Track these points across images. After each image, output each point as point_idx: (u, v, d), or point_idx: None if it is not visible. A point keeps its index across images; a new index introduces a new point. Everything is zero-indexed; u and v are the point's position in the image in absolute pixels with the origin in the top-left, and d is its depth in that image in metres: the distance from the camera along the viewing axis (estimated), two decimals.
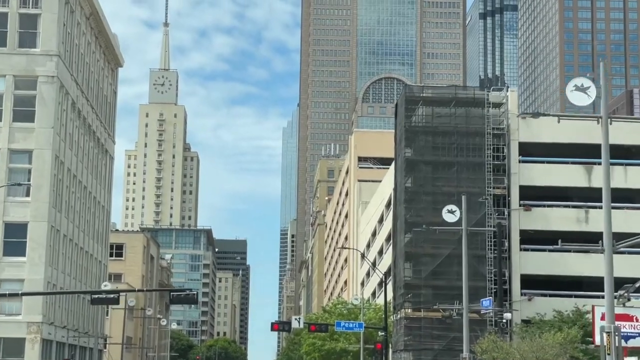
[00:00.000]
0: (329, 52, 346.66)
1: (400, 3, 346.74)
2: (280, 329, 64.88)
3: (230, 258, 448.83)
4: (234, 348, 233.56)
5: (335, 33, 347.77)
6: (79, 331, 78.47)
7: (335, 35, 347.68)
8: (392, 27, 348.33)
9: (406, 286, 65.93)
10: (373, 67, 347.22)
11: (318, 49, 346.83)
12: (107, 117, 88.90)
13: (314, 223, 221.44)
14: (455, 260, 65.15)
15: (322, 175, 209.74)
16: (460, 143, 67.05)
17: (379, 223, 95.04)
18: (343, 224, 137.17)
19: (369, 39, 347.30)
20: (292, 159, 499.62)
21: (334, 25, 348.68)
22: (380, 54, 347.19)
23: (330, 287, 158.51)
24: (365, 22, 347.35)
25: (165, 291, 78.10)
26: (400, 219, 68.21)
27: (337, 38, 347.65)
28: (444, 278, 65.67)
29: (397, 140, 71.20)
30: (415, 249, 66.41)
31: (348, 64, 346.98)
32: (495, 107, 67.90)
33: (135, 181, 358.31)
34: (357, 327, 65.90)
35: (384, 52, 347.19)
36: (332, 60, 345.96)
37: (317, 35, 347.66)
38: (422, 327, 65.31)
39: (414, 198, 67.03)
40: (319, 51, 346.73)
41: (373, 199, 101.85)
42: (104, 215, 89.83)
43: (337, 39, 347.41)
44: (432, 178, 67.03)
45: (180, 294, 46.39)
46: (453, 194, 66.22)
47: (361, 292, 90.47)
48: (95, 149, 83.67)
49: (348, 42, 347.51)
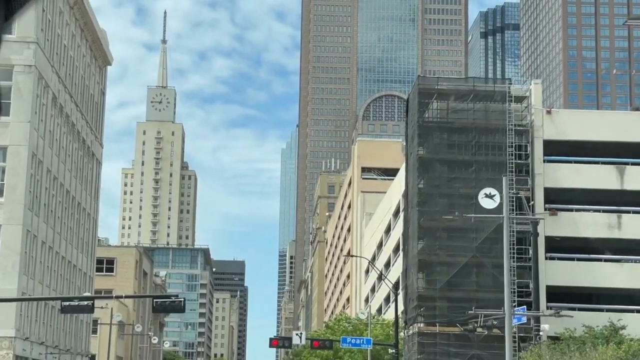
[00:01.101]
0: (329, 69, 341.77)
1: (401, 23, 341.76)
2: (279, 345, 58.36)
3: (228, 279, 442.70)
4: None
5: (336, 50, 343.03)
6: (60, 348, 71.83)
7: (336, 52, 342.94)
8: (393, 44, 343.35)
9: (419, 298, 59.44)
10: (373, 85, 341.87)
11: (318, 65, 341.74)
12: (94, 117, 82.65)
13: (314, 241, 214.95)
14: (473, 270, 58.90)
15: (323, 190, 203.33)
16: (479, 141, 60.79)
17: (386, 233, 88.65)
18: (345, 238, 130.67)
19: (370, 57, 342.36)
20: (291, 180, 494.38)
21: (335, 42, 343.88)
22: (381, 72, 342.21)
23: (332, 306, 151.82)
24: (366, 41, 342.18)
25: (148, 297, 71.84)
26: (412, 224, 61.82)
27: (337, 55, 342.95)
28: (461, 289, 59.26)
29: (408, 138, 64.93)
30: (430, 257, 59.99)
31: (348, 81, 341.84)
32: (517, 101, 61.65)
33: (132, 200, 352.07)
34: (364, 343, 59.27)
35: (385, 70, 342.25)
36: (332, 78, 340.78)
37: (318, 52, 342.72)
38: (437, 344, 58.77)
39: (428, 200, 60.65)
40: (319, 68, 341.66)
41: (379, 208, 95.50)
42: (90, 223, 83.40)
43: (338, 56, 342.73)
44: (448, 179, 60.68)
45: (165, 301, 40.04)
46: (471, 196, 59.89)
47: (366, 308, 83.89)
48: (80, 151, 77.33)
49: (348, 59, 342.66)
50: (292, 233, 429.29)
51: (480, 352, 57.95)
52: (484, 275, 58.97)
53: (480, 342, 58.20)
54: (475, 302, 58.53)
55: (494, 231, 59.07)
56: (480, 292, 58.65)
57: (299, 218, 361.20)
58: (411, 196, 62.62)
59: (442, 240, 59.87)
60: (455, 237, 59.86)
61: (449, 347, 58.62)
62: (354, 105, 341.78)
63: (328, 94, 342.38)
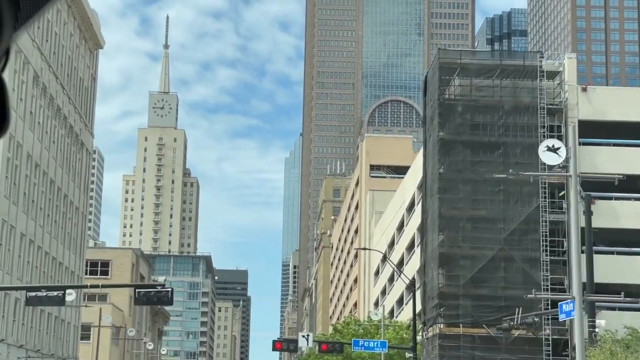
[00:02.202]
0: (334, 74, 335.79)
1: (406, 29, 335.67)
2: (283, 348, 51.91)
3: (230, 288, 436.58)
4: None
5: (341, 55, 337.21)
6: (42, 352, 65.39)
7: (340, 57, 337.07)
8: (399, 49, 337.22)
9: (440, 296, 52.96)
10: (379, 91, 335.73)
11: (323, 71, 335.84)
12: (84, 104, 76.43)
13: (318, 247, 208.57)
14: (501, 264, 52.52)
15: (328, 194, 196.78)
16: (507, 121, 54.48)
17: (398, 231, 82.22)
18: (352, 240, 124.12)
19: (375, 62, 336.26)
20: (294, 189, 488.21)
21: (339, 47, 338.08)
22: (387, 77, 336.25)
23: (337, 312, 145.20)
24: (371, 46, 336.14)
25: (129, 287, 65.52)
26: (431, 213, 55.42)
27: (342, 60, 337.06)
28: (487, 286, 52.85)
29: (426, 119, 58.63)
30: (452, 250, 53.56)
31: (353, 87, 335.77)
32: (549, 77, 55.30)
33: (133, 207, 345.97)
34: (378, 346, 52.80)
35: (391, 76, 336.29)
36: (336, 83, 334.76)
37: (322, 57, 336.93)
38: (460, 347, 52.28)
39: (450, 187, 54.27)
40: (323, 74, 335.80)
41: (390, 205, 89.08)
42: (79, 219, 77.11)
43: (342, 61, 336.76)
44: (472, 163, 54.31)
45: (150, 291, 33.77)
46: (498, 182, 53.61)
47: (378, 309, 77.30)
48: (67, 138, 71.06)
49: (353, 64, 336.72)
50: (296, 243, 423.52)
51: (509, 357, 51.53)
52: (513, 271, 52.63)
53: (509, 345, 51.83)
54: (504, 300, 52.26)
55: (524, 221, 52.78)
56: (509, 289, 52.31)
57: (303, 225, 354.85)
58: (430, 183, 56.24)
59: (465, 232, 53.50)
60: (480, 228, 53.53)
61: (473, 351, 52.20)
62: (358, 111, 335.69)
63: (332, 99, 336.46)
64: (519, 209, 52.98)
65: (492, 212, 53.38)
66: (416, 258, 70.51)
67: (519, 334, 51.61)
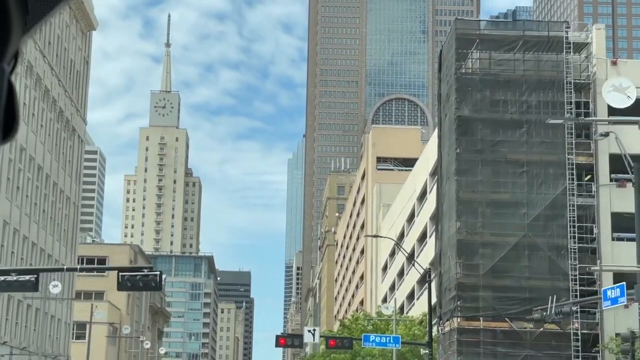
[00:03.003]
0: (337, 72, 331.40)
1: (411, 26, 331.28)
2: (287, 344, 47.53)
3: (233, 290, 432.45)
4: None
5: (344, 53, 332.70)
6: (29, 350, 61.03)
7: (344, 55, 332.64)
8: (403, 46, 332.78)
9: (458, 287, 48.49)
10: (383, 89, 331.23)
11: (326, 68, 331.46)
12: (75, 88, 72.09)
13: (322, 245, 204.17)
14: (525, 252, 48.10)
15: (332, 191, 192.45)
16: (530, 98, 50.05)
17: (408, 222, 77.79)
18: (358, 236, 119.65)
19: (379, 60, 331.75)
20: (297, 191, 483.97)
21: (343, 44, 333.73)
22: (391, 74, 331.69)
23: (342, 312, 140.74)
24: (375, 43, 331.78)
25: (112, 270, 61.11)
26: (448, 198, 51.01)
27: (345, 58, 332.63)
28: (509, 276, 48.44)
29: (441, 97, 54.25)
30: (471, 237, 49.10)
31: (356, 85, 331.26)
32: (576, 50, 50.89)
33: (134, 207, 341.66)
34: (391, 342, 48.40)
35: (395, 73, 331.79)
36: (340, 81, 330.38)
37: (325, 54, 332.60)
38: (481, 342, 47.83)
39: (468, 169, 49.84)
40: (326, 71, 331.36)
41: (399, 196, 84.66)
42: (71, 210, 72.78)
43: (346, 59, 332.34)
44: (492, 142, 49.91)
45: (135, 275, 29.39)
46: (521, 163, 49.28)
47: (389, 302, 72.77)
48: (57, 123, 66.72)
49: (356, 62, 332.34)
50: (299, 245, 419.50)
51: (534, 353, 47.11)
52: (538, 259, 48.22)
53: (534, 340, 47.43)
54: (528, 292, 47.89)
55: (549, 205, 48.38)
56: (534, 280, 47.96)
57: (306, 225, 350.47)
58: (446, 165, 51.84)
59: (485, 217, 49.09)
60: (501, 213, 49.13)
61: (495, 347, 47.78)
62: (362, 109, 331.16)
63: (336, 98, 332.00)
64: (543, 193, 48.63)
65: (515, 195, 49.00)
66: (429, 249, 66.14)
67: (545, 328, 47.25)
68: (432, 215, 67.89)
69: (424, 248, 67.88)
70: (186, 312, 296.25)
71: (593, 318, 47.96)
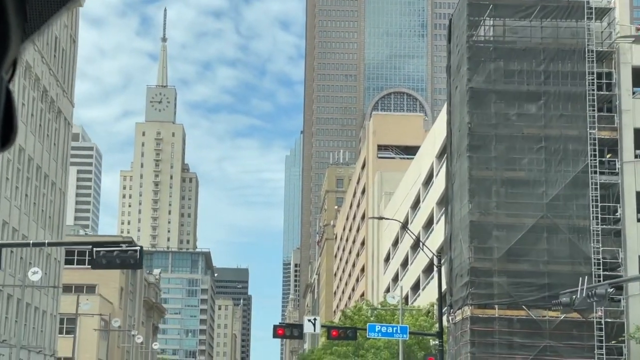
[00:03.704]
0: (336, 66, 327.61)
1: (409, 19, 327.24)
2: (286, 334, 43.67)
3: (231, 287, 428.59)
4: None
5: (342, 47, 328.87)
6: (9, 344, 57.11)
7: (342, 49, 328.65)
8: (402, 39, 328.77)
9: (472, 272, 44.61)
10: (381, 83, 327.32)
11: (324, 62, 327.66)
12: (61, 67, 68.15)
13: (321, 240, 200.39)
14: (543, 235, 44.27)
15: (330, 184, 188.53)
16: (548, 68, 46.22)
17: (413, 209, 73.94)
18: (359, 227, 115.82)
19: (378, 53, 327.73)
20: (295, 187, 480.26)
21: (341, 37, 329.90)
22: (389, 68, 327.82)
23: (342, 306, 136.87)
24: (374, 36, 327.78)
25: (86, 245, 57.66)
26: (459, 177, 47.15)
27: (343, 52, 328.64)
28: (526, 260, 44.63)
29: (451, 68, 50.40)
30: (485, 218, 45.23)
31: (355, 79, 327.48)
32: (598, 17, 47.03)
33: (130, 203, 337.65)
34: (399, 332, 44.57)
35: (393, 66, 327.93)
36: (338, 75, 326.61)
37: (323, 48, 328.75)
38: (496, 332, 43.98)
39: (482, 145, 45.97)
40: (325, 65, 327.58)
41: (403, 182, 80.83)
42: (57, 196, 68.84)
43: (344, 53, 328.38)
44: (508, 116, 46.04)
45: (111, 251, 25.67)
46: (539, 138, 45.46)
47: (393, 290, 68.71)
48: (41, 103, 62.77)
49: (355, 55, 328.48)
50: (297, 242, 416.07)
51: (554, 344, 43.31)
52: (558, 242, 44.39)
53: (554, 330, 43.63)
54: (546, 277, 44.08)
55: (570, 184, 44.58)
56: (553, 264, 44.15)
57: (304, 221, 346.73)
58: (457, 142, 47.96)
59: (500, 197, 45.23)
60: (518, 193, 45.29)
61: (511, 337, 43.95)
62: (360, 104, 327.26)
63: (334, 92, 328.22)
64: (563, 170, 44.82)
65: (532, 173, 45.19)
66: (436, 236, 62.36)
67: (566, 317, 43.41)
68: (439, 200, 64.10)
69: (430, 235, 64.05)
70: (183, 308, 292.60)
71: (617, 306, 44.15)
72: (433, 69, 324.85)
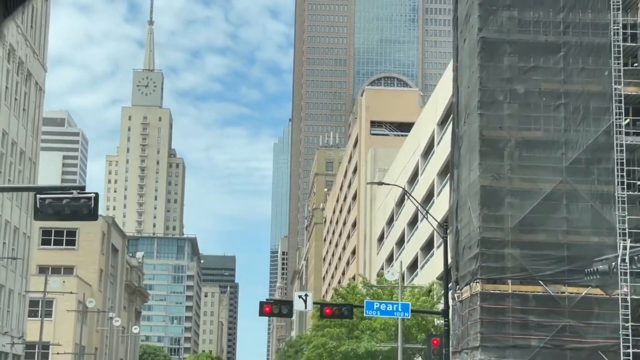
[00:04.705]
0: (325, 50, 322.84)
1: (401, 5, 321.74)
2: (273, 312, 38.73)
3: (217, 274, 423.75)
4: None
5: (332, 31, 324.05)
6: None
7: (332, 33, 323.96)
8: (393, 24, 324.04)
9: (482, 243, 39.74)
10: (371, 67, 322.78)
11: (313, 46, 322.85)
12: (31, 27, 63.01)
13: (309, 225, 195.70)
14: (562, 201, 39.48)
15: (320, 167, 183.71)
16: (568, 17, 41.34)
17: (411, 183, 69.09)
18: (349, 208, 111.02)
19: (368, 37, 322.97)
20: (283, 175, 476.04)
21: (331, 21, 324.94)
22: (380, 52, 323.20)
23: (330, 292, 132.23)
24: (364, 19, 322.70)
25: (29, 191, 52.77)
26: (469, 137, 42.29)
27: (333, 36, 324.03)
28: (543, 230, 39.78)
29: (458, 20, 45.51)
30: (497, 183, 40.36)
31: (345, 63, 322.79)
32: None
33: (116, 188, 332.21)
34: (399, 310, 39.84)
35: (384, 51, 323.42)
36: (327, 60, 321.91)
37: (313, 32, 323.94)
38: (509, 310, 39.17)
39: (493, 102, 41.06)
40: (314, 49, 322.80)
41: (399, 156, 76.00)
42: (27, 166, 63.81)
43: (334, 37, 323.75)
44: (523, 69, 41.14)
45: (60, 198, 20.69)
46: (558, 94, 40.62)
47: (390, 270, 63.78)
48: (7, 63, 57.67)
49: (345, 40, 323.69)
50: (284, 231, 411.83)
51: (574, 323, 38.59)
52: (578, 210, 39.57)
53: (574, 307, 38.86)
54: (566, 249, 39.32)
55: (592, 145, 39.78)
56: (573, 234, 39.36)
57: (292, 207, 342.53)
58: (466, 100, 43.05)
59: (514, 160, 40.33)
60: (534, 156, 40.37)
61: (526, 315, 39.12)
62: (350, 89, 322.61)
63: (323, 76, 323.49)
64: (585, 130, 40.00)
65: (550, 133, 40.32)
66: (437, 208, 57.61)
67: (587, 293, 38.70)
68: (440, 171, 59.35)
69: (431, 209, 59.19)
70: (168, 295, 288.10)
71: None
72: (424, 54, 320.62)
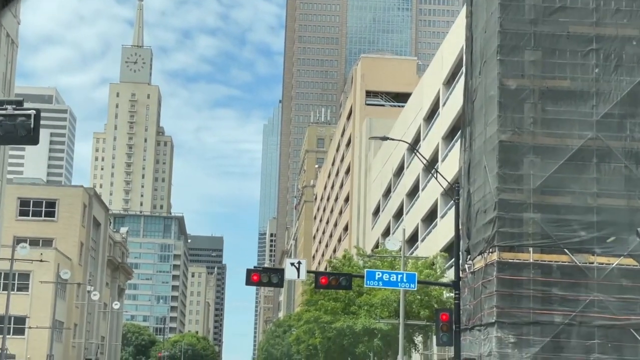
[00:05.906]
0: (316, 28, 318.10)
1: None
2: (262, 281, 34.04)
3: (205, 255, 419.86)
4: (203, 345, 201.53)
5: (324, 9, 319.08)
6: None
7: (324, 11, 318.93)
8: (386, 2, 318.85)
9: (500, 206, 34.97)
10: (364, 46, 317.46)
11: (305, 24, 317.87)
12: None
13: (299, 203, 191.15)
14: (592, 160, 34.81)
15: (311, 144, 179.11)
16: None
17: (410, 152, 64.32)
18: (342, 183, 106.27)
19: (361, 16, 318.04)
20: (272, 157, 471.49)
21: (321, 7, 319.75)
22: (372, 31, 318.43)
23: (322, 269, 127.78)
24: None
25: None
26: (485, 88, 37.47)
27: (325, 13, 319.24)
28: (569, 192, 35.06)
29: None
30: (517, 139, 35.57)
31: (337, 41, 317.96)
32: None
33: (103, 166, 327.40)
34: (404, 281, 35.19)
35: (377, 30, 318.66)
36: (319, 38, 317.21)
37: (305, 9, 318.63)
38: (530, 282, 34.46)
39: (516, 47, 36.20)
40: (305, 27, 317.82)
41: (397, 123, 71.29)
42: None
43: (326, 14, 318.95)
44: (550, 10, 36.33)
45: None
46: (589, 38, 35.80)
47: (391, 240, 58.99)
48: None
49: (337, 17, 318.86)
50: (273, 213, 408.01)
51: (602, 297, 33.98)
52: (610, 170, 34.87)
53: (603, 279, 34.23)
54: (595, 213, 34.63)
55: (627, 97, 35.10)
56: (604, 197, 34.67)
57: (282, 187, 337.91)
58: (483, 45, 38.23)
59: (537, 112, 35.54)
60: (560, 110, 35.59)
61: (548, 287, 34.41)
62: (342, 68, 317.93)
63: (315, 55, 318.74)
64: (619, 79, 35.26)
65: (579, 83, 35.51)
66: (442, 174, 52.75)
67: (619, 264, 34.10)
68: (445, 134, 54.59)
69: (430, 182, 54.53)
70: (154, 274, 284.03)
71: None
72: (417, 34, 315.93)
